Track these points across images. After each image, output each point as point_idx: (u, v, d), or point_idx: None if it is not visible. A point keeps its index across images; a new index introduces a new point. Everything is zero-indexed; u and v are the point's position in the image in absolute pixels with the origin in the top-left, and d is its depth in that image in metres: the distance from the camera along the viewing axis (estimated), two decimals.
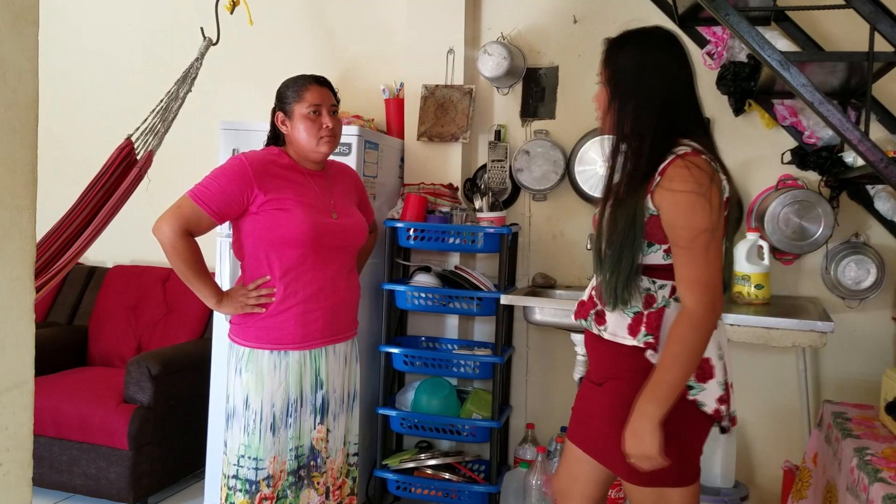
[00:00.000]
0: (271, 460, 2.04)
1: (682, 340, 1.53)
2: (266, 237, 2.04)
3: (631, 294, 1.60)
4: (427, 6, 3.20)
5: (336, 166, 2.31)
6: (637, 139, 1.60)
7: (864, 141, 2.08)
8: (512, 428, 3.28)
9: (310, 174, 2.15)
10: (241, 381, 2.06)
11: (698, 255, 1.53)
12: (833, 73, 2.47)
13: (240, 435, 2.05)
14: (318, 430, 2.12)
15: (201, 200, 2.00)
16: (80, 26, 4.08)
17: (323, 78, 2.19)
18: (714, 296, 1.53)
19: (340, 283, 2.14)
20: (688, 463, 1.64)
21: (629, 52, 1.63)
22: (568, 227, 3.21)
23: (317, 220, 2.06)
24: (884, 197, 2.74)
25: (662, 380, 1.53)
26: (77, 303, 3.82)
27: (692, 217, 1.53)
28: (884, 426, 2.08)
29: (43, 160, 3.92)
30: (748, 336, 2.45)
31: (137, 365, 2.98)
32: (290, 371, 2.06)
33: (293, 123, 2.11)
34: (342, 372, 2.19)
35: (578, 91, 3.17)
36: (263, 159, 2.09)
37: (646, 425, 1.53)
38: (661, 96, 1.59)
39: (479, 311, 2.91)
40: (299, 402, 2.08)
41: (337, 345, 2.17)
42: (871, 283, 2.75)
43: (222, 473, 2.11)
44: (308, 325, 2.07)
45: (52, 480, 3.05)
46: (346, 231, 2.15)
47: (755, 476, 2.98)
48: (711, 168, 1.56)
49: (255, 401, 2.03)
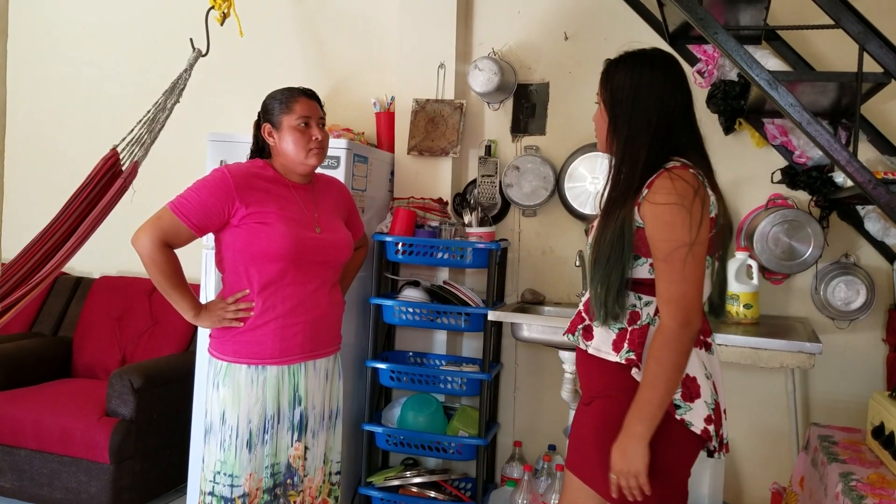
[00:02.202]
0: (247, 477, 2.00)
1: (658, 358, 1.52)
2: (246, 250, 2.01)
3: (622, 308, 1.59)
4: (419, 21, 3.20)
5: (324, 179, 2.28)
6: (632, 159, 1.60)
7: (851, 162, 2.06)
8: (499, 446, 3.24)
9: (294, 187, 2.12)
10: (219, 396, 2.03)
11: (675, 268, 1.52)
12: (823, 93, 2.46)
13: (216, 451, 2.02)
14: (295, 447, 2.08)
15: (181, 212, 1.97)
16: (70, 36, 4.07)
17: (311, 91, 2.17)
18: (687, 312, 1.51)
19: (322, 299, 2.11)
20: (675, 485, 1.62)
21: (625, 74, 1.64)
22: (557, 244, 3.19)
23: (299, 235, 2.03)
24: (874, 217, 2.73)
25: (645, 398, 1.53)
26: (62, 313, 3.79)
27: (672, 229, 1.52)
28: (870, 451, 2.06)
29: (31, 170, 3.90)
30: (736, 356, 2.43)
31: (120, 378, 2.95)
32: (268, 386, 2.02)
33: (281, 135, 2.08)
34: (323, 388, 2.15)
35: (569, 108, 3.16)
36: (247, 172, 2.06)
37: (634, 444, 1.52)
38: (656, 117, 1.60)
39: (466, 326, 2.89)
40: (276, 418, 2.04)
41: (318, 360, 2.13)
42: (861, 304, 2.74)
43: (199, 489, 2.08)
44: (287, 340, 2.04)
45: (33, 494, 3.01)
46: (329, 246, 2.12)
47: (743, 497, 2.95)
48: (697, 182, 1.55)
49: (231, 416, 2.00)
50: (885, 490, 1.75)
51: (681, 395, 1.56)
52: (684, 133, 1.64)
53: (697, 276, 1.53)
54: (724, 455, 1.65)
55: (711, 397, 1.60)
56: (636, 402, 1.54)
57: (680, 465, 1.62)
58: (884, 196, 2.06)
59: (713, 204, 1.59)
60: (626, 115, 1.62)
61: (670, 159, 1.59)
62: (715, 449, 1.63)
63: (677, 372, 1.53)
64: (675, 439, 1.58)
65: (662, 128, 1.60)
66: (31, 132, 4.15)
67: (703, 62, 2.88)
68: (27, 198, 4.11)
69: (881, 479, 1.83)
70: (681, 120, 1.63)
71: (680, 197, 1.52)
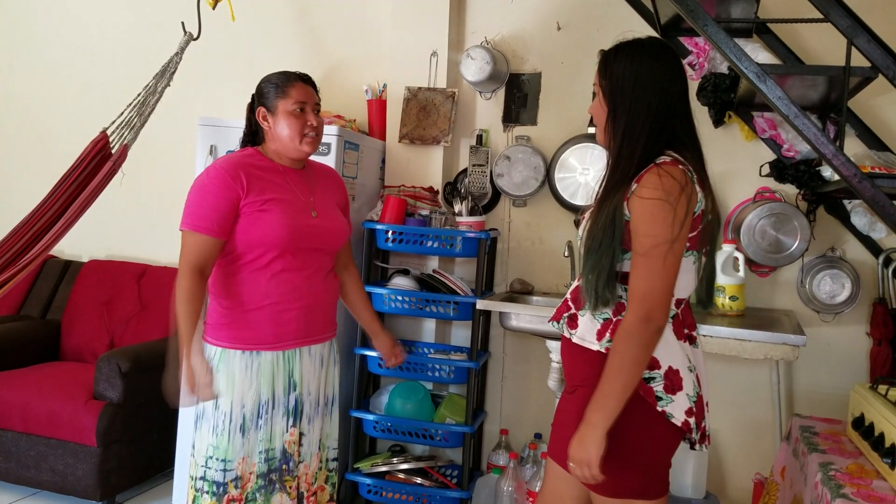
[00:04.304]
0: (240, 461, 2.00)
1: (618, 351, 1.53)
2: (243, 238, 1.98)
3: (612, 293, 1.59)
4: (412, 8, 3.19)
5: (318, 167, 2.25)
6: (629, 148, 1.60)
7: (838, 155, 2.08)
8: (486, 433, 3.26)
9: (288, 172, 2.10)
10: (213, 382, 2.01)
11: (653, 264, 1.52)
12: (813, 87, 2.47)
13: (208, 436, 2.00)
14: (290, 433, 2.07)
15: (198, 225, 1.94)
16: (61, 20, 4.04)
17: (308, 76, 2.14)
18: (651, 308, 1.51)
19: (317, 284, 2.09)
20: (656, 475, 1.63)
21: (625, 62, 1.63)
22: (547, 234, 3.20)
23: (295, 222, 2.01)
24: (860, 212, 2.75)
25: (604, 390, 1.53)
26: (51, 296, 3.78)
27: (653, 224, 1.52)
28: (850, 441, 2.08)
29: (20, 152, 3.89)
30: (720, 347, 2.45)
31: (108, 361, 2.95)
32: (262, 372, 2.01)
33: (276, 120, 2.05)
34: (318, 374, 2.14)
35: (561, 98, 3.17)
36: (238, 162, 2.02)
37: (590, 434, 1.53)
38: (655, 105, 1.59)
39: (455, 315, 2.90)
40: (271, 403, 2.03)
41: (313, 346, 2.12)
42: (846, 298, 2.76)
43: (189, 476, 2.06)
44: (282, 326, 2.02)
45: (19, 476, 3.01)
46: (326, 233, 2.11)
47: (726, 487, 2.98)
48: (685, 178, 1.55)
49: (224, 402, 1.99)
50: (863, 480, 1.78)
51: (663, 388, 1.57)
52: (680, 121, 1.64)
53: (671, 274, 1.54)
54: (706, 447, 1.67)
55: (694, 390, 1.61)
56: (597, 392, 1.55)
57: (661, 456, 1.63)
58: (869, 190, 2.07)
59: (700, 200, 1.59)
60: (626, 103, 1.61)
61: (663, 152, 1.60)
62: (696, 440, 1.64)
63: (637, 366, 1.53)
64: (656, 431, 1.59)
65: (661, 116, 1.60)
66: (20, 115, 4.13)
67: (694, 55, 2.88)
68: (15, 180, 4.10)
69: (860, 468, 1.85)
70: (679, 108, 1.63)
71: (666, 193, 1.52)
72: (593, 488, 1.62)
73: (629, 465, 1.58)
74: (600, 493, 1.62)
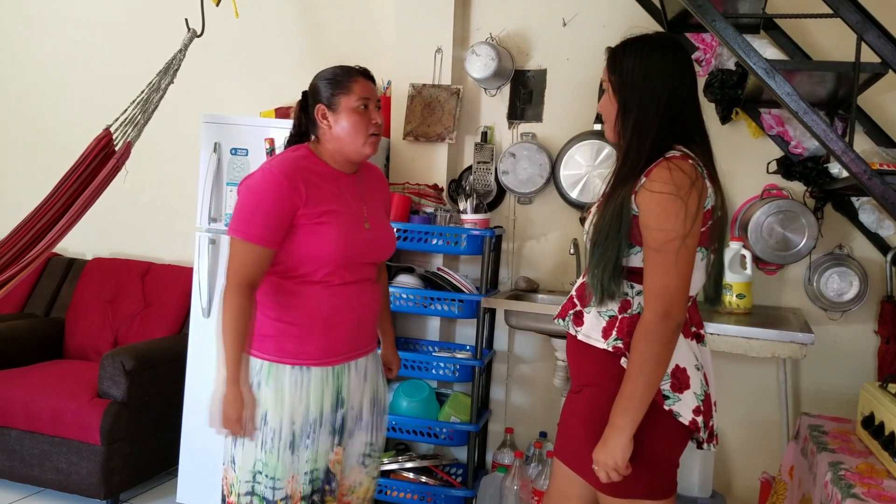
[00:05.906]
0: (289, 480, 1.87)
1: (638, 350, 1.52)
2: (297, 252, 1.85)
3: (618, 287, 1.58)
4: (416, 5, 3.17)
5: (368, 169, 2.08)
6: (639, 143, 1.59)
7: (847, 152, 2.06)
8: (491, 432, 3.25)
9: (342, 178, 1.93)
10: (260, 396, 1.86)
11: (667, 259, 1.50)
12: (821, 84, 2.45)
13: (257, 451, 1.87)
14: (335, 451, 1.94)
15: (252, 235, 1.80)
16: (64, 16, 4.04)
17: (368, 70, 1.98)
18: (669, 304, 1.50)
19: (365, 296, 1.97)
20: (663, 475, 1.62)
21: (635, 58, 1.62)
22: (552, 231, 3.18)
23: (350, 237, 1.89)
24: (868, 209, 2.73)
25: (627, 392, 1.52)
26: (55, 295, 3.78)
27: (665, 219, 1.51)
28: (860, 440, 2.06)
29: (24, 149, 3.89)
30: (728, 346, 2.43)
31: (112, 359, 2.94)
32: (312, 388, 1.88)
33: (337, 118, 1.89)
34: (361, 387, 2.01)
35: (566, 95, 3.15)
36: (297, 167, 1.86)
37: (617, 438, 1.52)
38: (665, 100, 1.58)
39: (460, 313, 2.89)
40: (318, 421, 1.89)
41: (358, 360, 1.99)
42: (854, 296, 2.74)
43: (230, 489, 1.92)
44: (332, 341, 1.90)
45: (23, 474, 3.00)
46: (378, 247, 1.99)
47: (732, 486, 2.97)
48: (696, 173, 1.54)
49: (273, 418, 1.85)
50: (873, 479, 1.76)
51: (670, 386, 1.56)
52: (690, 116, 1.63)
53: (686, 269, 1.52)
54: (713, 446, 1.65)
55: (701, 388, 1.60)
56: (619, 394, 1.53)
57: (668, 456, 1.62)
58: (879, 187, 2.05)
59: (710, 196, 1.58)
60: (636, 98, 1.59)
61: (673, 147, 1.58)
62: (704, 440, 1.63)
63: (659, 364, 1.51)
64: (663, 430, 1.57)
65: (671, 110, 1.59)
66: (24, 111, 4.13)
67: (701, 51, 2.87)
68: (19, 177, 4.10)
69: (870, 468, 1.84)
70: (688, 102, 1.62)
71: (676, 187, 1.51)
72: (600, 488, 1.61)
73: (636, 465, 1.56)
74: (607, 493, 1.61)
